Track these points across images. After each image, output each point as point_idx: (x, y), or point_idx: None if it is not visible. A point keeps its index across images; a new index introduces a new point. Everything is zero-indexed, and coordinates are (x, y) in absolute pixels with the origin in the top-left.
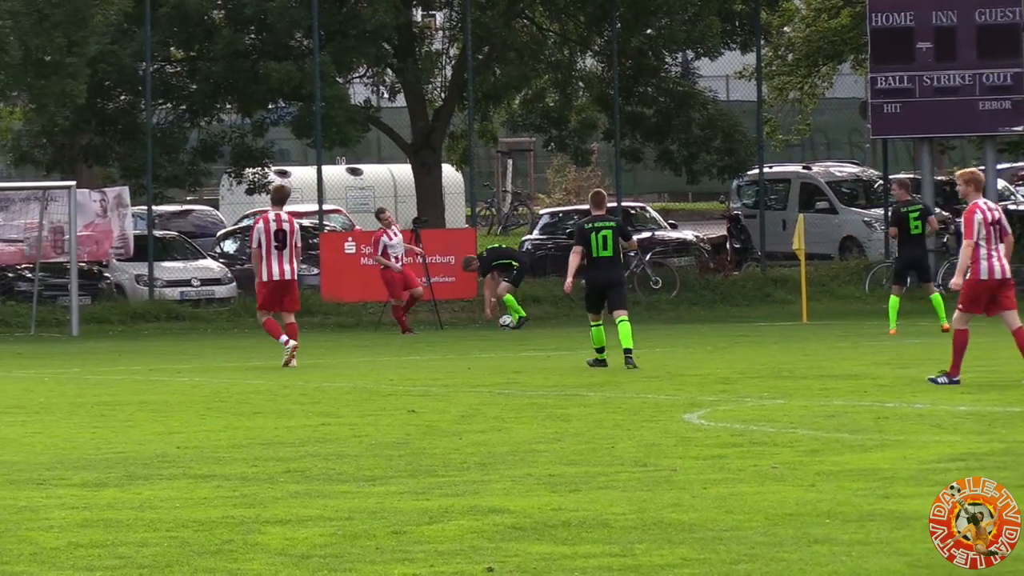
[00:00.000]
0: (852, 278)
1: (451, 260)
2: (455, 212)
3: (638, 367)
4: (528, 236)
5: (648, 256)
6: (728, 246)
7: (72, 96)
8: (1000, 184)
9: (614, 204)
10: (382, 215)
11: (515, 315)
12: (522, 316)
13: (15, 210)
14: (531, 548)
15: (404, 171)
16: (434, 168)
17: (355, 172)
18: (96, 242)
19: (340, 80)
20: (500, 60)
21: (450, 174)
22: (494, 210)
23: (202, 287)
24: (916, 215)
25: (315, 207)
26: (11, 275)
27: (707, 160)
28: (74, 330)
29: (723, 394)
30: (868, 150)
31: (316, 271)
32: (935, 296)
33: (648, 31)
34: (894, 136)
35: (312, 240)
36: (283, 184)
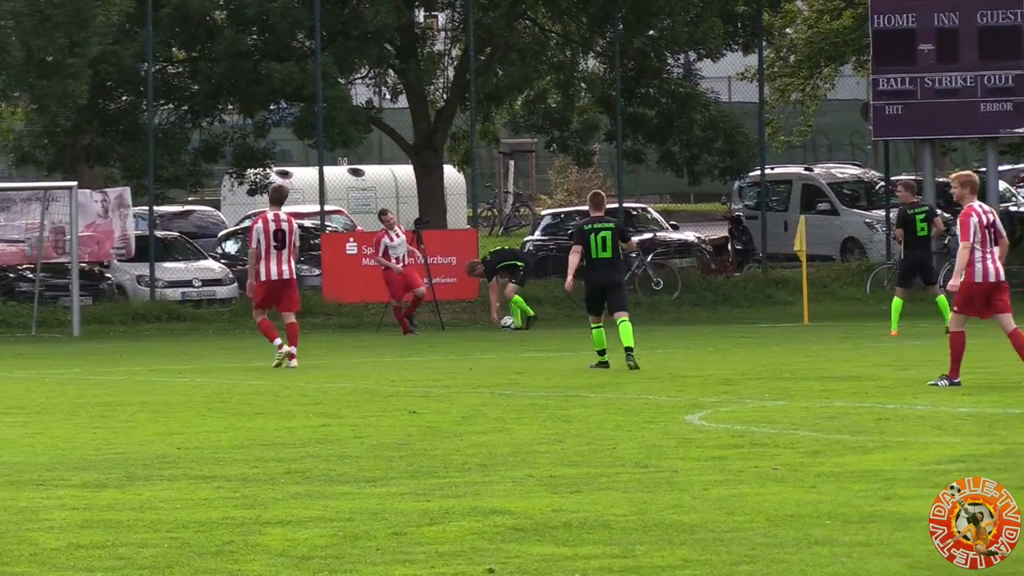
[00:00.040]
0: (853, 279)
1: (453, 261)
2: (457, 213)
3: (639, 367)
4: (530, 237)
5: (650, 257)
6: (730, 247)
7: (74, 96)
8: (1001, 186)
9: (615, 205)
10: (384, 216)
11: (518, 316)
12: (531, 315)
13: (16, 210)
14: (532, 549)
15: (406, 172)
16: (436, 169)
17: (357, 173)
18: (97, 242)
19: (342, 81)
20: (502, 61)
21: (452, 175)
22: (496, 211)
23: (203, 288)
24: (922, 217)
25: (317, 208)
26: (12, 275)
27: (709, 161)
28: (75, 331)
29: (724, 395)
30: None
31: (317, 272)
32: (941, 298)
33: (650, 32)
34: (896, 138)
35: (314, 241)
36: (281, 184)
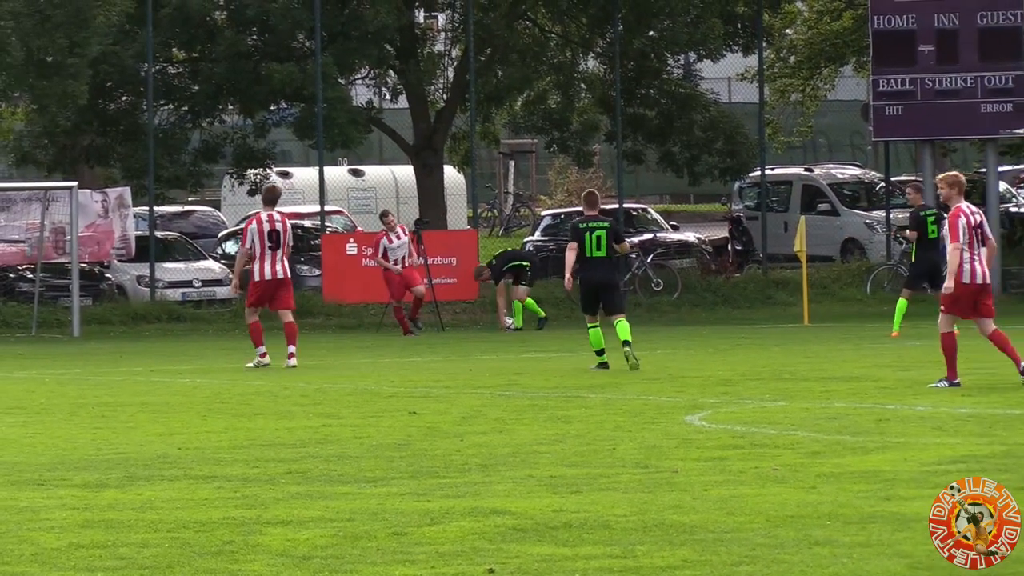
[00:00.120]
0: (854, 280)
1: (453, 262)
2: (457, 213)
3: (639, 360)
4: (530, 237)
5: (650, 258)
6: (730, 248)
7: (74, 97)
8: (1002, 187)
9: (616, 205)
10: (385, 218)
11: (519, 316)
12: (542, 317)
13: (16, 211)
14: (532, 549)
15: (406, 172)
16: (436, 169)
17: (357, 173)
18: (97, 243)
19: (342, 81)
20: (502, 62)
21: (452, 175)
22: (496, 212)
23: (203, 288)
24: (933, 219)
25: (317, 208)
26: (12, 276)
27: (709, 162)
28: (75, 331)
29: (724, 396)
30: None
31: (318, 272)
32: (901, 302)
33: (650, 33)
34: (896, 138)
35: (314, 241)
36: (274, 184)
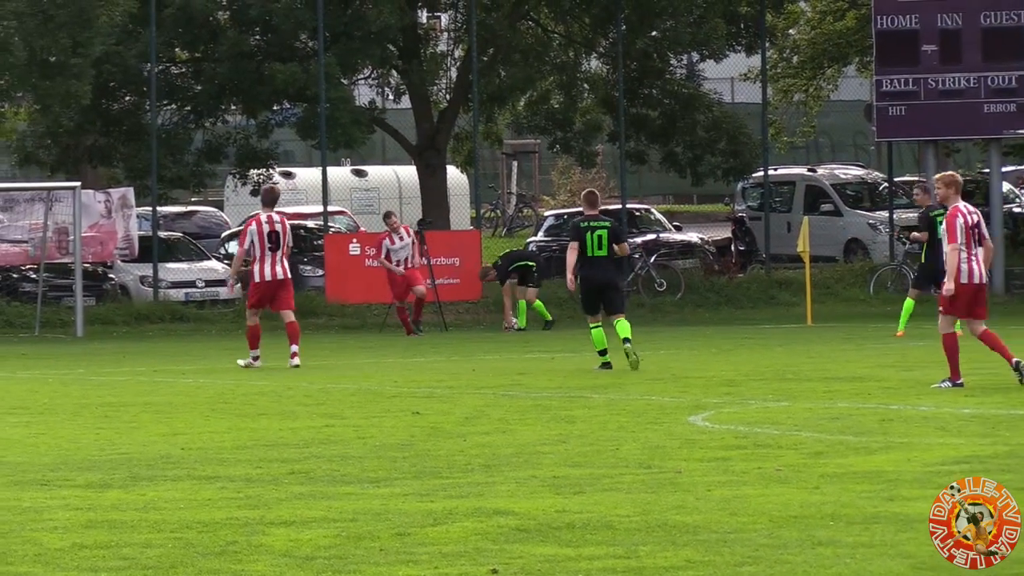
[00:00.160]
0: (857, 280)
1: (456, 262)
2: (460, 214)
3: (639, 358)
4: (533, 238)
5: (653, 258)
6: (733, 248)
7: (77, 97)
8: (1005, 187)
9: (619, 206)
10: (388, 220)
11: (523, 316)
12: (549, 320)
13: (20, 211)
14: (535, 550)
15: (409, 173)
16: (439, 170)
17: (360, 174)
18: (100, 243)
19: (345, 81)
20: (505, 62)
21: (455, 176)
22: (499, 212)
23: (207, 288)
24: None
25: (320, 208)
26: (16, 276)
27: (712, 162)
28: (78, 331)
29: (727, 396)
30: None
31: (321, 272)
32: (908, 302)
33: (653, 33)
34: (899, 139)
35: (317, 241)
36: (272, 186)
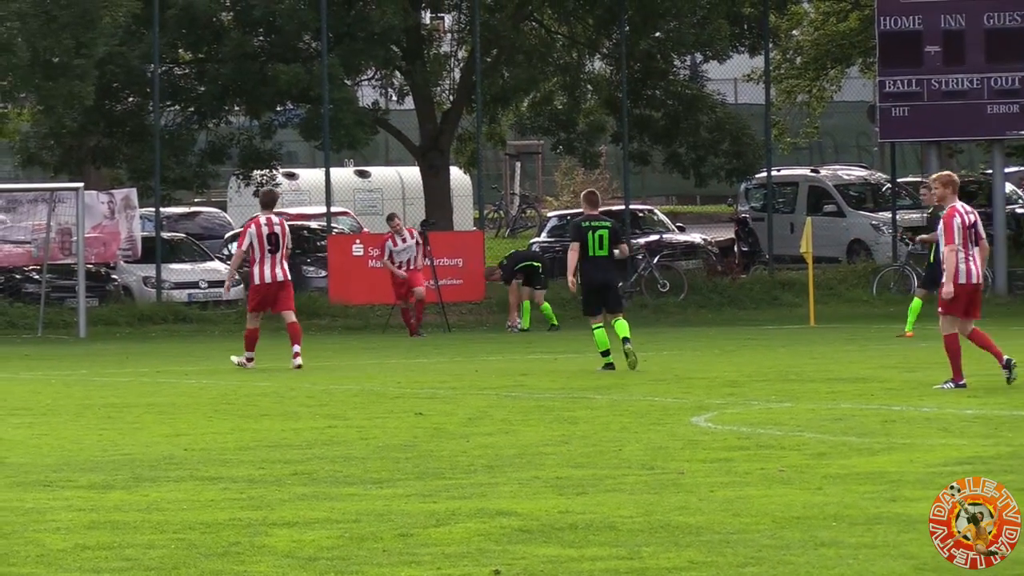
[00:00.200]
0: (860, 281)
1: (459, 263)
2: (463, 215)
3: (638, 358)
4: (536, 239)
5: (656, 259)
6: (736, 249)
7: (80, 98)
8: (1008, 188)
9: (622, 207)
10: (391, 221)
11: (527, 317)
12: (554, 325)
13: (23, 211)
14: (538, 551)
15: (412, 174)
16: (442, 171)
17: (363, 174)
18: (104, 244)
19: (348, 82)
20: (508, 63)
21: (458, 177)
22: (502, 213)
23: (209, 289)
24: None
25: (323, 209)
26: (19, 277)
27: (715, 163)
28: (81, 332)
29: (730, 397)
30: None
31: (324, 273)
32: (916, 302)
33: (656, 34)
34: (902, 139)
35: (320, 242)
36: (271, 188)
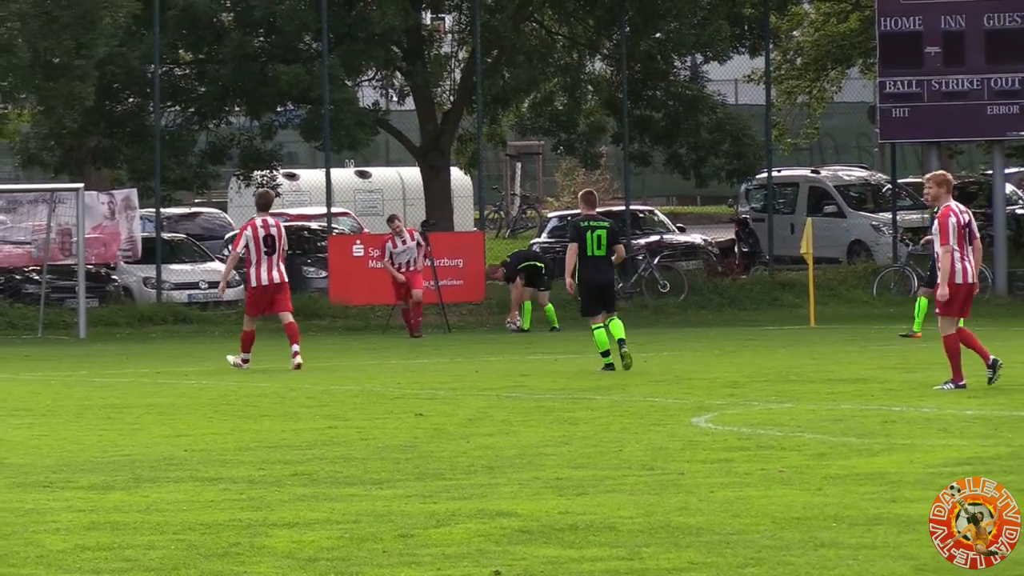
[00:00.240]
0: (860, 282)
1: (459, 263)
2: (463, 215)
3: (633, 359)
4: (536, 239)
5: (656, 259)
6: (736, 250)
7: (80, 98)
8: (1008, 188)
9: (622, 207)
10: (391, 223)
11: (527, 318)
12: (555, 327)
13: (23, 212)
14: (538, 551)
15: (413, 174)
16: (443, 171)
17: (363, 175)
18: (104, 244)
19: (349, 83)
20: (509, 63)
21: (459, 177)
22: (503, 213)
23: (210, 290)
24: None
25: (323, 210)
26: (19, 277)
27: (715, 164)
28: (81, 332)
29: (730, 398)
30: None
31: (324, 274)
32: (921, 300)
33: (657, 35)
34: (902, 140)
35: (320, 243)
36: (266, 190)
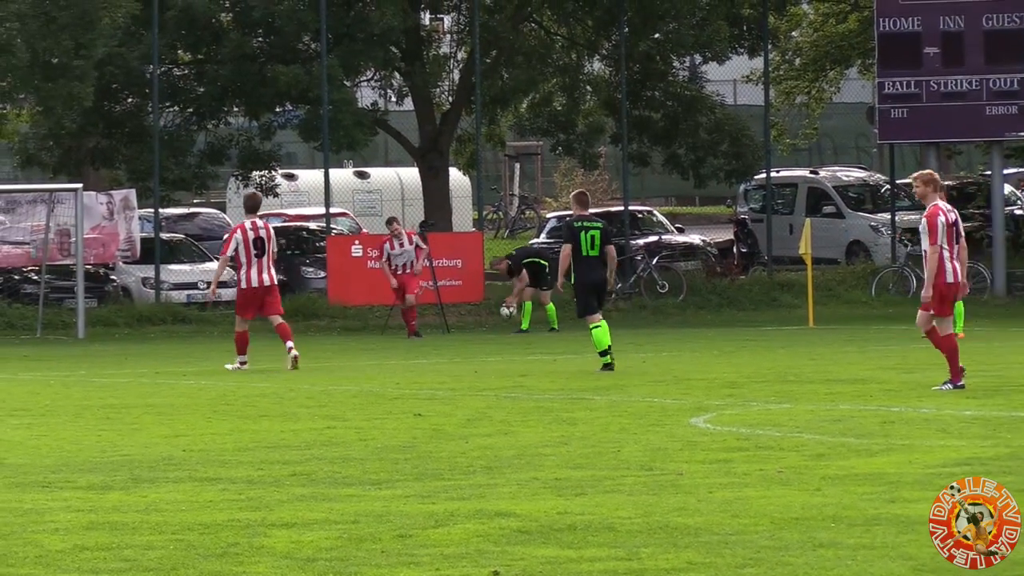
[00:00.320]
0: (859, 282)
1: (458, 264)
2: (462, 216)
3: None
4: (535, 240)
5: (655, 260)
6: (735, 250)
7: (79, 99)
8: (1007, 189)
9: (621, 208)
10: (390, 225)
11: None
12: (554, 328)
13: (22, 212)
14: (537, 552)
15: (411, 175)
16: (441, 172)
17: (362, 175)
18: (103, 245)
19: (348, 83)
20: (508, 64)
21: (457, 178)
22: (501, 214)
23: (208, 290)
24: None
25: (322, 210)
26: (17, 277)
27: (714, 164)
28: (80, 333)
29: (729, 398)
30: (875, 155)
31: (323, 274)
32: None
33: (656, 35)
34: (901, 141)
35: (319, 243)
36: (254, 192)
